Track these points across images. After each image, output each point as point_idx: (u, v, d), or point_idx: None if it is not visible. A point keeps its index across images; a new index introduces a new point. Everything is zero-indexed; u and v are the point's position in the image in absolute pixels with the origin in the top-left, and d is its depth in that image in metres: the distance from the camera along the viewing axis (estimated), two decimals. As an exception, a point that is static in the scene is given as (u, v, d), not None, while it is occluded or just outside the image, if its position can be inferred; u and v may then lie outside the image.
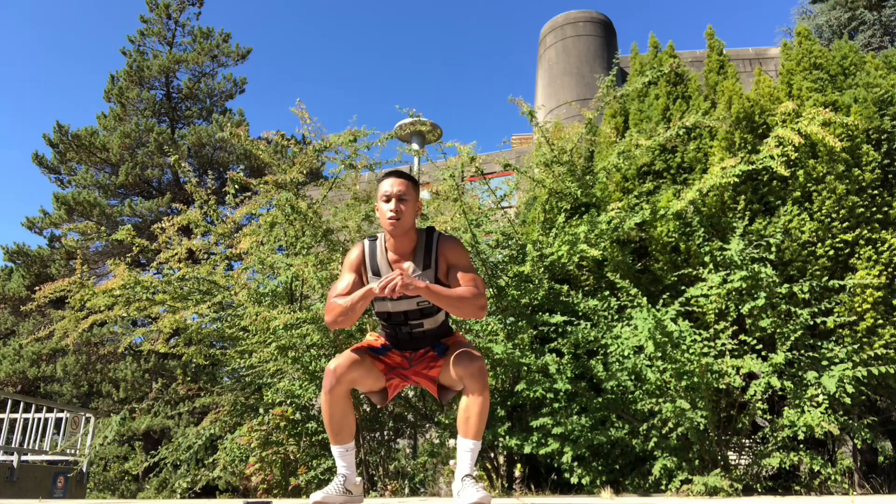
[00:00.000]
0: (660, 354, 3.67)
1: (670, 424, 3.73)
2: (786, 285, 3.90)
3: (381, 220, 2.42)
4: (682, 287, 4.17)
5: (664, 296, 4.18)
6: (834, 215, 4.00)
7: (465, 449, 2.36)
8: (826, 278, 3.92)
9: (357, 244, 2.56)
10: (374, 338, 2.64)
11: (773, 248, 4.01)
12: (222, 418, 5.31)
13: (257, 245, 5.14)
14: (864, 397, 3.88)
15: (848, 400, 3.58)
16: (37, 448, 8.50)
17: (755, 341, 3.81)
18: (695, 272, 4.18)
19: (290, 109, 4.95)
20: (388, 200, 2.39)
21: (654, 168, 4.79)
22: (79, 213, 16.16)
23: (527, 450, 4.00)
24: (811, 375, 3.67)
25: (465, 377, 2.31)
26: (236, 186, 5.50)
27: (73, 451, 8.76)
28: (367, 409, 4.91)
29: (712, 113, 4.60)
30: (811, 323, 3.82)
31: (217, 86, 18.57)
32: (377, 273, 2.45)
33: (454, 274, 2.41)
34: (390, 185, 2.40)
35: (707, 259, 4.08)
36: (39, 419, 8.36)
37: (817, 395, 3.62)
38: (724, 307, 3.94)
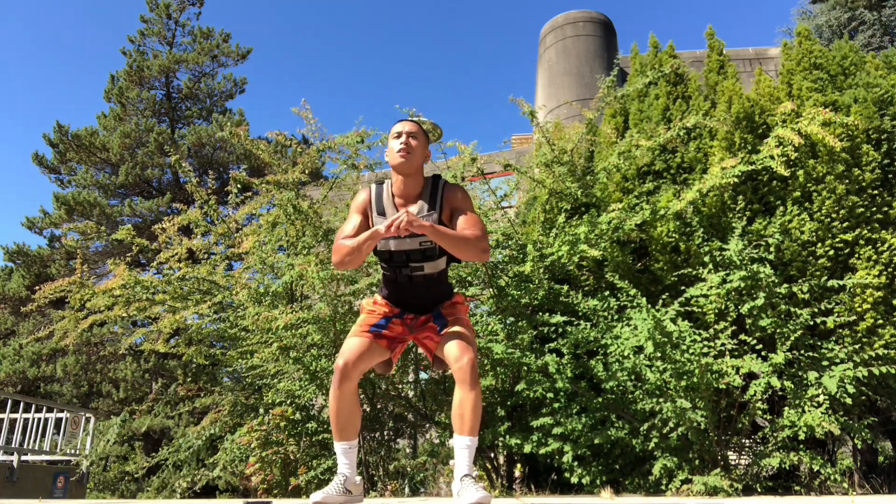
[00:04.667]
0: (659, 354, 3.67)
1: (670, 424, 3.73)
2: (785, 285, 3.90)
3: (390, 157, 2.46)
4: (682, 287, 4.17)
5: (664, 296, 4.19)
6: (834, 215, 4.00)
7: (462, 446, 2.36)
8: (826, 278, 3.92)
9: (364, 188, 2.60)
10: (370, 304, 2.63)
11: (773, 248, 4.01)
12: (222, 418, 5.32)
13: (259, 245, 5.14)
14: (864, 397, 3.88)
15: (849, 400, 3.58)
16: (37, 448, 8.49)
17: (755, 341, 3.82)
18: (695, 272, 4.18)
19: (293, 110, 4.96)
20: (398, 137, 2.45)
21: (654, 168, 4.79)
22: (79, 213, 16.16)
23: (527, 449, 4.00)
24: (811, 375, 3.67)
25: (455, 370, 2.32)
26: (238, 186, 5.49)
27: (73, 451, 8.76)
28: (367, 409, 4.92)
29: (712, 113, 4.60)
30: (811, 323, 3.83)
31: (217, 86, 18.57)
32: (383, 214, 2.49)
33: (458, 218, 2.45)
34: (401, 125, 2.48)
35: (707, 259, 4.08)
36: (39, 419, 8.35)
37: (818, 396, 3.62)
38: (723, 307, 3.94)
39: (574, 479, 3.92)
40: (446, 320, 2.53)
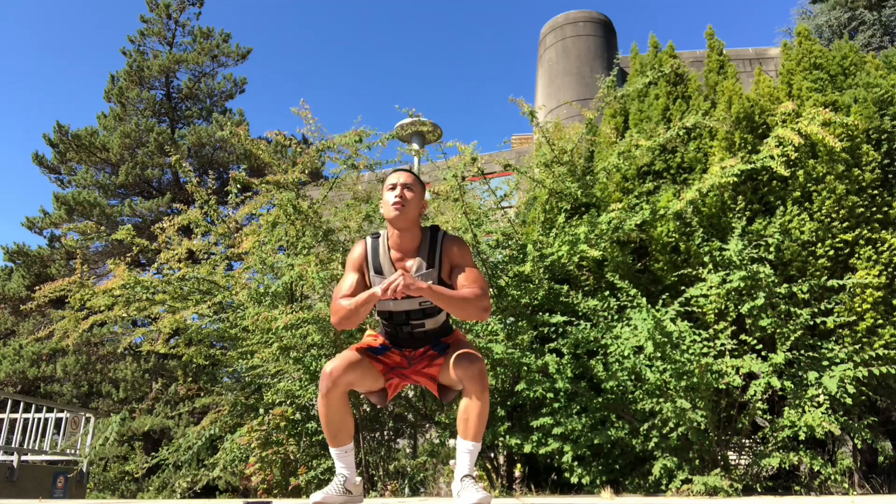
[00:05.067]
0: (659, 354, 3.67)
1: (670, 424, 3.73)
2: (785, 285, 3.90)
3: (385, 210, 2.38)
4: (682, 287, 4.17)
5: (664, 296, 4.18)
6: (834, 215, 4.00)
7: (465, 450, 2.36)
8: (826, 278, 3.92)
9: (359, 242, 2.52)
10: (372, 337, 2.63)
11: (773, 248, 4.01)
12: (222, 418, 5.32)
13: (259, 245, 5.14)
14: (864, 397, 3.88)
15: (849, 400, 3.58)
16: (37, 448, 8.49)
17: (755, 341, 3.81)
18: (694, 272, 4.18)
19: (292, 110, 4.95)
20: (392, 189, 2.37)
21: (654, 168, 4.79)
22: (79, 213, 16.16)
23: (527, 449, 4.00)
24: (811, 375, 3.67)
25: (464, 379, 2.30)
26: (238, 186, 5.49)
27: (73, 451, 8.76)
28: (367, 409, 4.91)
29: (712, 113, 4.60)
30: (811, 323, 3.82)
31: (217, 86, 18.57)
32: (379, 272, 2.42)
33: (458, 274, 2.37)
34: (396, 177, 2.40)
35: (707, 259, 4.08)
36: (39, 419, 8.35)
37: (818, 396, 3.62)
38: (723, 307, 3.94)
39: (574, 479, 3.92)
40: (447, 344, 2.52)
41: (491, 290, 4.36)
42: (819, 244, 4.03)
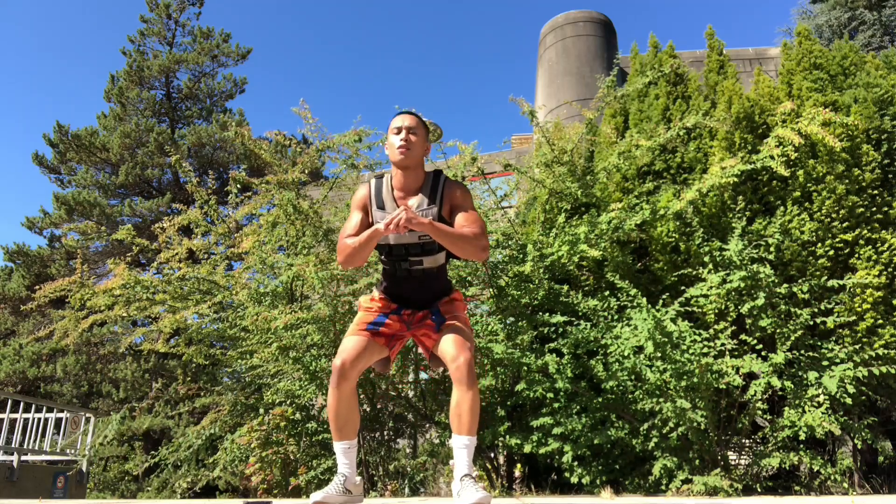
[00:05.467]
0: (659, 354, 3.67)
1: (670, 424, 3.73)
2: (785, 285, 3.90)
3: (391, 152, 2.46)
4: (682, 287, 4.17)
5: (664, 296, 4.18)
6: (834, 215, 4.00)
7: (461, 446, 2.36)
8: (826, 278, 3.92)
9: (363, 183, 2.59)
10: (368, 301, 2.63)
11: (773, 248, 4.01)
12: (222, 418, 5.32)
13: (259, 245, 5.14)
14: (864, 397, 3.88)
15: (849, 400, 3.58)
16: (37, 448, 8.49)
17: (755, 341, 3.81)
18: (695, 272, 4.17)
19: (292, 109, 4.95)
20: (398, 132, 2.44)
21: (654, 168, 4.79)
22: (79, 213, 16.16)
23: (527, 449, 4.00)
24: (811, 376, 3.67)
25: (452, 370, 2.32)
26: (238, 186, 5.49)
27: (73, 451, 8.76)
28: (367, 409, 4.91)
29: (712, 113, 4.60)
30: (811, 323, 3.82)
31: (217, 86, 18.57)
32: (382, 207, 2.48)
33: (458, 215, 2.44)
34: (401, 120, 2.46)
35: (707, 259, 4.08)
36: (39, 419, 8.35)
37: (818, 396, 3.62)
38: (723, 307, 3.94)
39: (574, 479, 3.91)
40: (444, 318, 2.53)
41: (491, 290, 4.36)
42: (819, 244, 4.03)
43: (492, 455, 4.74)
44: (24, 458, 8.11)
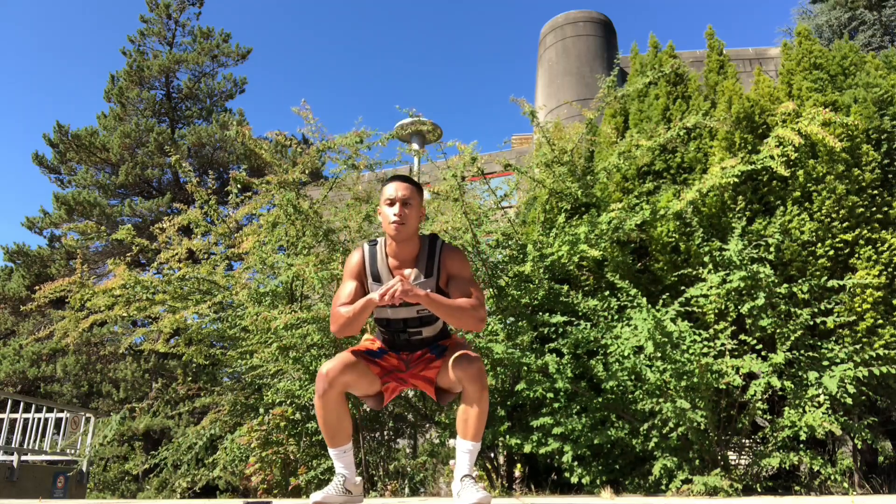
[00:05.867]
0: (659, 354, 3.67)
1: (670, 424, 3.73)
2: (785, 285, 3.90)
3: (384, 224, 2.38)
4: (682, 287, 4.17)
5: (664, 296, 4.18)
6: (834, 215, 4.00)
7: (464, 450, 2.36)
8: (826, 278, 3.92)
9: (357, 248, 2.53)
10: (370, 341, 2.62)
11: (773, 248, 4.01)
12: (222, 418, 5.32)
13: (259, 245, 5.14)
14: (864, 397, 3.88)
15: (849, 400, 3.58)
16: (37, 448, 8.49)
17: (755, 341, 3.81)
18: (695, 272, 4.17)
19: (293, 109, 4.95)
20: (391, 204, 2.35)
21: (654, 168, 4.79)
22: (79, 213, 16.16)
23: (527, 449, 4.00)
24: (812, 376, 3.67)
25: (463, 380, 2.30)
26: (238, 186, 5.50)
27: (72, 451, 8.76)
28: (367, 410, 4.91)
29: (712, 113, 4.60)
30: (811, 323, 3.82)
31: (217, 86, 18.58)
32: (377, 279, 2.42)
33: (455, 284, 2.38)
34: (395, 189, 2.36)
35: (707, 259, 4.08)
36: (39, 419, 8.36)
37: (818, 396, 3.62)
38: (723, 307, 3.94)
39: (574, 479, 3.92)
40: (444, 347, 2.51)
41: (491, 290, 4.36)
42: (819, 244, 4.03)
43: (492, 455, 4.74)
44: (24, 458, 8.11)
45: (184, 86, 18.18)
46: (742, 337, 3.86)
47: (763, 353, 3.77)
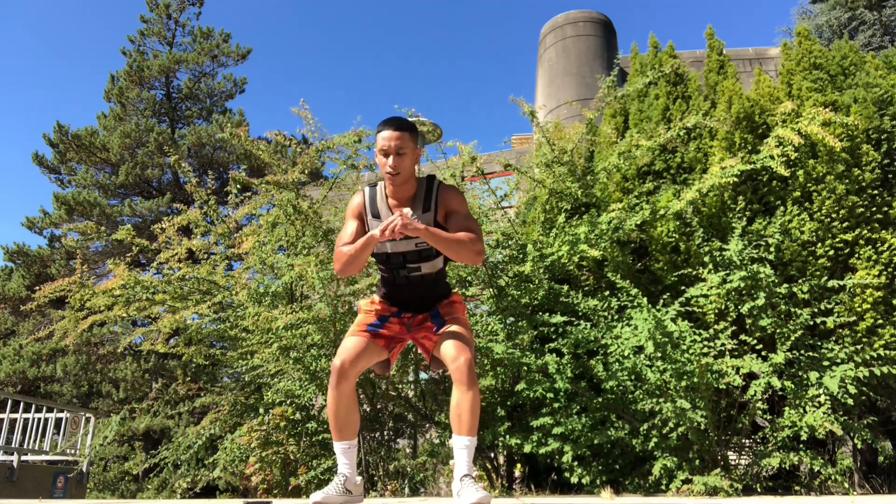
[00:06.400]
0: (660, 354, 3.67)
1: (670, 424, 3.73)
2: (785, 285, 3.89)
3: (381, 169, 2.44)
4: (682, 287, 4.17)
5: (664, 296, 4.18)
6: (834, 215, 4.00)
7: (461, 446, 2.36)
8: (826, 278, 3.92)
9: (358, 192, 2.59)
10: (368, 304, 2.64)
11: (773, 248, 4.01)
12: (222, 418, 5.31)
13: (259, 245, 5.14)
14: (864, 397, 3.88)
15: (850, 401, 3.58)
16: (37, 448, 8.49)
17: (755, 341, 3.81)
18: (695, 272, 4.17)
19: (292, 110, 4.95)
20: (385, 155, 2.39)
21: (654, 168, 4.79)
22: (79, 213, 16.17)
23: (527, 449, 4.00)
24: (812, 376, 3.67)
25: (453, 371, 2.33)
26: (238, 186, 5.50)
27: (73, 451, 8.76)
28: (367, 409, 4.91)
29: (712, 113, 4.60)
30: (811, 323, 3.82)
31: (217, 86, 18.58)
32: (377, 216, 2.48)
33: (453, 220, 2.44)
34: (387, 140, 2.38)
35: (707, 259, 4.08)
36: (39, 419, 8.35)
37: (818, 396, 3.62)
38: (723, 307, 3.94)
39: (574, 479, 3.91)
40: (444, 320, 2.54)
41: (491, 290, 4.36)
42: (819, 244, 4.03)
43: (492, 455, 4.74)
44: (24, 458, 8.11)
45: (184, 86, 18.19)
46: (742, 337, 3.85)
47: (763, 353, 3.77)
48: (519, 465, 4.97)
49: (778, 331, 3.78)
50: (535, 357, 4.08)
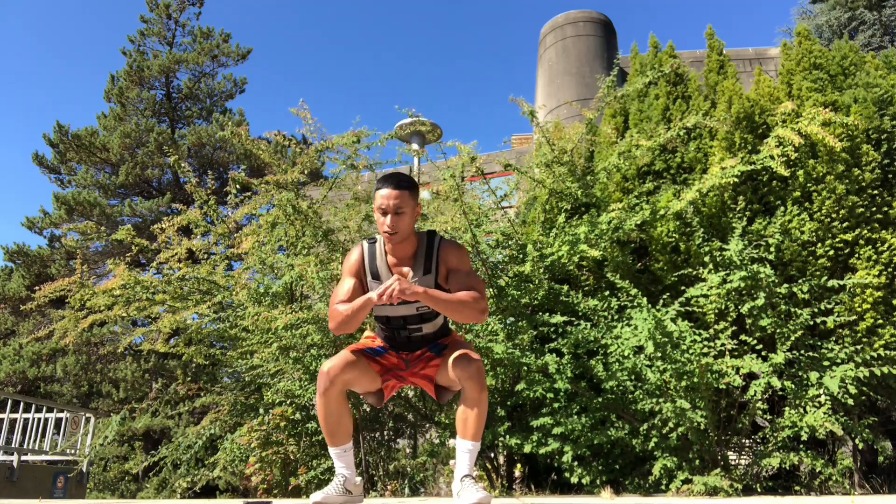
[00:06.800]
0: (660, 354, 3.67)
1: (670, 424, 3.73)
2: (786, 285, 3.89)
3: (379, 229, 2.38)
4: (682, 287, 4.17)
5: (664, 296, 4.18)
6: (834, 215, 4.00)
7: (464, 450, 2.36)
8: (826, 278, 3.92)
9: (356, 246, 2.52)
10: (370, 339, 2.63)
11: (773, 248, 4.01)
12: (222, 418, 5.31)
13: (258, 245, 5.14)
14: (864, 397, 3.88)
15: (850, 401, 3.58)
16: (37, 448, 8.49)
17: (755, 341, 3.81)
18: (695, 272, 4.17)
19: (291, 110, 4.95)
20: (384, 214, 2.32)
21: (654, 168, 4.79)
22: (79, 213, 16.16)
23: (527, 449, 4.00)
24: (812, 376, 3.67)
25: (462, 379, 2.30)
26: (237, 186, 5.49)
27: (73, 451, 8.76)
28: (367, 410, 4.91)
29: (712, 113, 4.60)
30: (811, 323, 3.82)
31: (217, 86, 18.58)
32: (377, 277, 2.43)
33: (455, 278, 2.37)
34: (385, 199, 2.30)
35: (707, 259, 4.08)
36: (39, 419, 8.36)
37: (818, 396, 3.62)
38: (723, 307, 3.94)
39: (574, 479, 3.92)
40: (444, 345, 2.52)
41: (491, 290, 4.36)
42: (819, 244, 4.03)
43: (492, 455, 4.74)
44: (24, 458, 8.11)
45: (184, 86, 18.18)
46: (742, 337, 3.85)
47: (763, 353, 3.77)
48: (519, 465, 4.97)
49: (778, 331, 3.78)
50: (535, 357, 4.08)
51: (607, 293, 4.32)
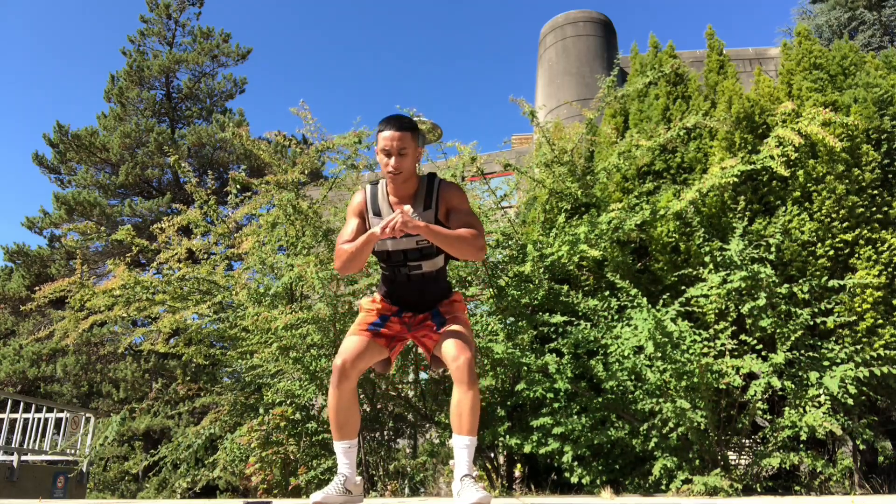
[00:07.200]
0: (660, 354, 3.67)
1: (670, 424, 3.73)
2: (786, 285, 3.89)
3: (383, 169, 2.44)
4: (682, 287, 4.17)
5: (664, 296, 4.18)
6: (834, 215, 4.00)
7: (461, 446, 2.36)
8: (826, 278, 3.92)
9: (359, 190, 2.59)
10: (369, 302, 2.64)
11: (773, 249, 4.01)
12: (222, 418, 5.32)
13: (258, 245, 5.14)
14: (864, 397, 3.88)
15: (850, 401, 3.58)
16: (37, 448, 8.49)
17: (755, 341, 3.81)
18: (695, 272, 4.17)
19: (291, 110, 4.95)
20: (387, 155, 2.39)
21: (654, 168, 4.79)
22: (79, 213, 16.17)
23: (527, 449, 4.00)
24: (812, 376, 3.67)
25: (453, 371, 2.33)
26: (238, 186, 5.49)
27: (73, 451, 8.76)
28: (367, 409, 4.91)
29: (712, 113, 4.60)
30: (811, 323, 3.82)
31: (217, 86, 18.58)
32: (378, 214, 2.49)
33: (454, 216, 2.44)
34: (389, 140, 2.38)
35: (707, 259, 4.08)
36: (39, 419, 8.36)
37: (818, 396, 3.62)
38: (724, 307, 3.94)
39: (574, 479, 3.91)
40: (444, 318, 2.54)
41: (491, 290, 4.36)
42: (819, 244, 4.03)
43: (492, 455, 4.74)
44: (24, 458, 8.11)
45: (184, 86, 18.19)
46: (742, 337, 3.85)
47: (763, 353, 3.77)
48: (519, 465, 4.97)
49: (778, 331, 3.78)
50: (535, 357, 4.08)
51: (607, 293, 4.32)
